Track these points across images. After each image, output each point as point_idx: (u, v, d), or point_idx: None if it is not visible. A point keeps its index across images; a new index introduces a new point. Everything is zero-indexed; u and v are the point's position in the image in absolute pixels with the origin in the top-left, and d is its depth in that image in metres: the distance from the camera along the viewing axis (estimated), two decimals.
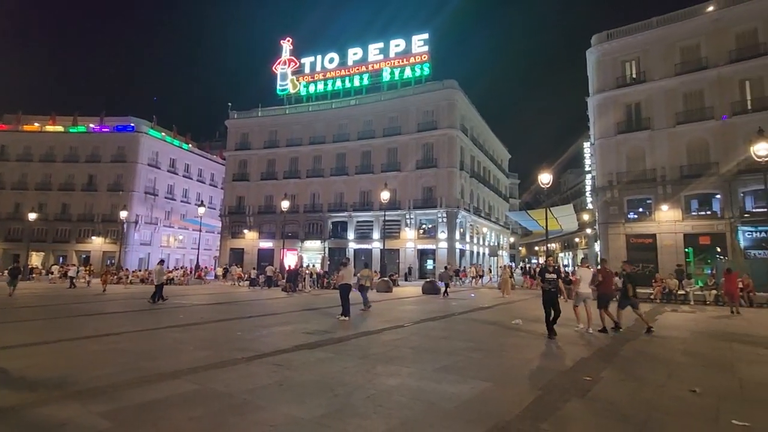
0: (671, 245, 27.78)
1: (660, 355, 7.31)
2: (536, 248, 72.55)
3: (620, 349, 7.74)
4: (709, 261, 24.19)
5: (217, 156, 62.22)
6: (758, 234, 24.69)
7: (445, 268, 26.30)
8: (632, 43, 31.19)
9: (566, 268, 39.41)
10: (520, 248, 74.44)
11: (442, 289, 20.81)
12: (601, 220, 31.90)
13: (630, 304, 9.67)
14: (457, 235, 39.46)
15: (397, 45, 44.16)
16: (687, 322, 11.82)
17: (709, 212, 27.65)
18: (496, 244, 53.05)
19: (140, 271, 37.90)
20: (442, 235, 38.58)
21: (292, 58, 49.09)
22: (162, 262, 17.10)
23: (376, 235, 40.93)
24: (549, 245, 47.85)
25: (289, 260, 38.05)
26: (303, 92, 47.98)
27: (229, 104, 50.91)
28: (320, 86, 47.30)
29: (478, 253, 46.71)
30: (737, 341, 8.62)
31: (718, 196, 27.03)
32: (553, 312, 8.60)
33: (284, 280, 24.43)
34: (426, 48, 43.15)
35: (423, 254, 40.44)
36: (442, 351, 7.28)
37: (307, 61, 48.28)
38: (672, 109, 29.04)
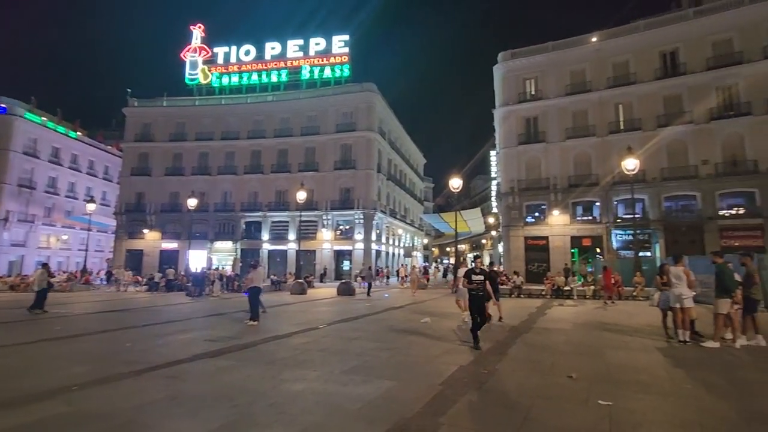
0: (560, 246, 31.17)
1: (546, 345, 8.13)
2: (448, 249, 76.51)
3: (513, 342, 8.45)
4: (590, 260, 27.57)
5: (113, 147, 55.81)
6: (626, 236, 28.78)
7: (369, 268, 26.71)
8: (532, 63, 34.43)
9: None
10: (433, 249, 77.91)
11: (366, 290, 21.50)
12: (504, 223, 34.66)
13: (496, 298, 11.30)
14: (374, 237, 40.10)
15: (317, 44, 43.65)
16: (570, 314, 13.33)
17: (590, 217, 31.52)
18: (410, 245, 54.92)
19: (10, 276, 32.58)
20: (359, 236, 38.92)
21: (204, 46, 45.97)
22: (45, 265, 14.87)
23: (291, 235, 39.95)
24: (458, 246, 50.64)
25: (197, 262, 35.47)
26: (215, 83, 45.18)
27: (129, 90, 45.85)
28: (234, 79, 44.95)
29: (393, 254, 47.95)
30: (607, 330, 9.93)
31: (598, 204, 30.96)
32: (479, 318, 7.80)
33: (190, 284, 22.73)
34: (346, 50, 43.26)
35: (340, 255, 40.42)
36: (352, 352, 7.32)
37: (220, 51, 45.56)
38: (563, 125, 32.60)
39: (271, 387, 5.22)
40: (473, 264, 8.21)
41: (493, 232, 50.98)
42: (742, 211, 26.96)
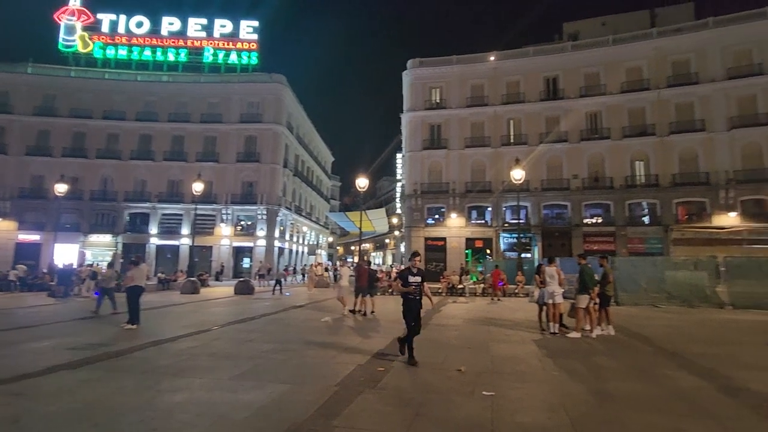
0: (457, 247, 33.40)
1: (440, 341, 8.58)
2: (353, 248, 77.19)
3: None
4: (481, 261, 29.97)
5: None
6: (512, 239, 31.90)
7: (286, 267, 25.83)
8: (438, 73, 36.34)
9: (377, 266, 43.06)
10: (338, 248, 77.96)
11: (272, 288, 21.11)
12: (406, 224, 36.04)
13: (369, 293, 12.60)
14: (277, 233, 38.74)
15: (223, 26, 40.81)
16: (462, 311, 14.29)
17: (483, 221, 34.28)
18: (315, 243, 54.22)
19: None
20: (261, 232, 37.28)
21: (84, 9, 40.05)
22: None
23: (185, 230, 36.72)
24: (363, 245, 51.23)
25: (65, 257, 30.60)
26: (98, 54, 39.66)
27: None
28: (122, 52, 39.94)
29: (297, 251, 46.86)
30: (493, 325, 10.84)
31: (490, 209, 33.83)
32: (416, 327, 6.65)
33: (54, 282, 19.53)
34: (255, 36, 41.16)
35: (239, 252, 38.27)
36: (244, 356, 6.90)
37: (105, 17, 40.10)
38: (463, 134, 34.97)
39: (146, 400, 4.66)
40: (411, 262, 6.94)
41: (397, 232, 52.73)
42: (600, 220, 31.63)
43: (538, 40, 37.78)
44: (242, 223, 38.45)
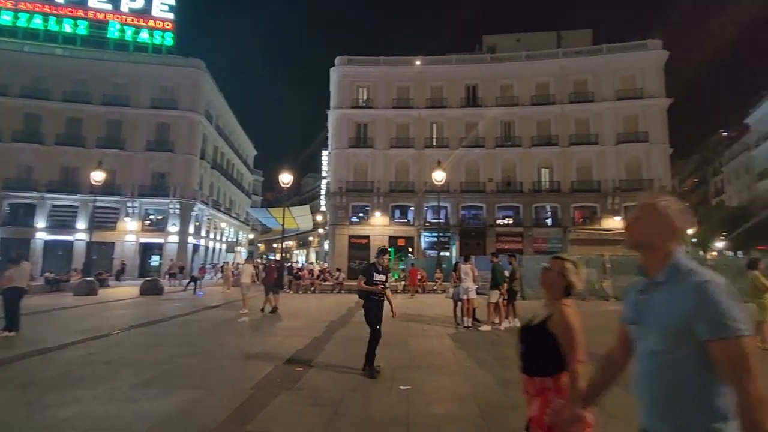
0: (380, 245, 33.94)
1: (361, 338, 8.61)
2: (275, 245, 74.81)
3: (330, 337, 8.74)
4: (403, 258, 30.80)
5: None
6: (432, 238, 33.25)
7: (203, 265, 24.06)
8: (366, 72, 36.60)
9: (297, 265, 42.22)
10: (259, 245, 75.05)
11: (188, 286, 19.72)
12: (331, 222, 35.83)
13: (273, 291, 12.69)
14: (192, 229, 36.21)
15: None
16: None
17: (406, 220, 35.30)
18: (234, 240, 51.63)
19: None
20: (174, 227, 34.58)
21: None
22: None
23: (81, 224, 32.79)
24: (286, 243, 49.91)
25: None
26: None
27: None
28: (6, 17, 34.43)
29: (214, 248, 44.23)
30: (412, 320, 11.20)
31: (412, 208, 34.93)
32: (378, 331, 5.92)
33: None
34: (171, 15, 38.08)
35: (147, 249, 35.11)
36: (149, 362, 6.36)
37: None
38: (389, 135, 35.65)
39: (24, 418, 4.09)
40: (378, 259, 6.16)
41: (321, 230, 52.16)
42: (511, 221, 34.26)
43: (461, 49, 39.80)
44: (151, 217, 35.34)
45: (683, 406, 1.35)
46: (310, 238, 66.12)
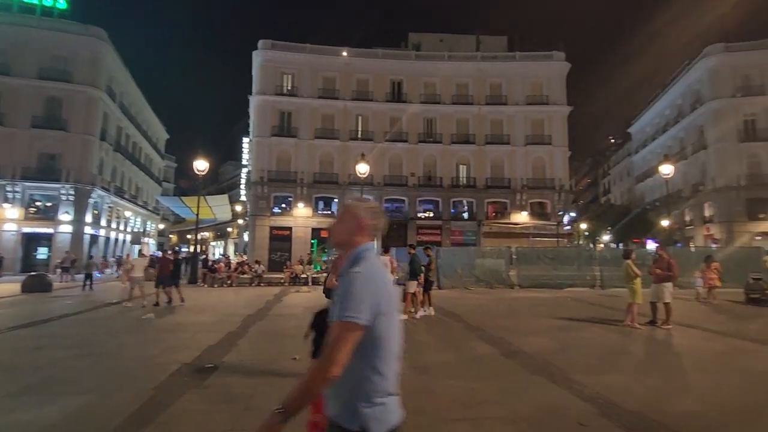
0: (303, 237, 33.45)
1: (278, 331, 8.53)
2: (188, 236, 69.95)
3: (246, 331, 8.48)
4: (326, 250, 30.66)
5: None
6: None
7: (118, 258, 21.34)
8: (291, 59, 35.49)
9: (214, 257, 40.00)
10: (170, 236, 69.64)
11: (82, 284, 17.67)
12: (251, 212, 34.45)
13: (172, 284, 12.49)
14: (90, 218, 32.47)
15: None
16: (303, 300, 14.46)
17: (330, 212, 35.10)
18: (141, 230, 47.32)
19: None
20: (66, 216, 30.73)
21: None
22: None
23: None
24: (202, 234, 47.03)
25: None
26: None
27: None
28: None
29: (117, 239, 40.15)
30: None
31: (336, 200, 34.83)
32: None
33: None
34: None
35: (33, 240, 30.81)
36: (29, 366, 5.66)
37: None
38: (313, 125, 35.06)
39: None
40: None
41: (241, 221, 49.85)
42: (431, 214, 35.75)
43: (387, 44, 40.22)
44: (38, 204, 31.02)
45: (344, 388, 1.45)
46: (229, 229, 62.88)
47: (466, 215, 36.15)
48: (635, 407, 4.25)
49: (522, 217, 34.48)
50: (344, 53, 36.38)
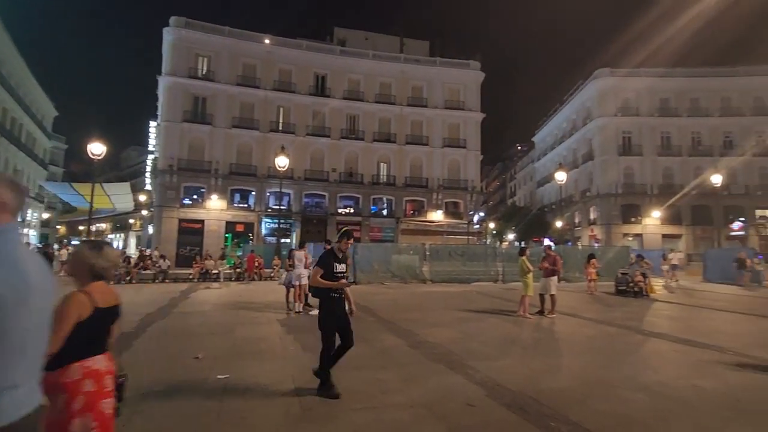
0: (216, 231, 31.69)
1: (181, 329, 8.08)
2: (80, 227, 62.29)
3: (143, 331, 7.90)
4: (241, 245, 29.39)
5: None
6: (273, 225, 32.63)
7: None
8: (207, 40, 33.28)
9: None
10: (58, 227, 61.43)
11: None
12: (157, 203, 31.76)
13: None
14: None
15: None
16: (214, 296, 13.79)
17: (246, 205, 33.71)
18: (21, 219, 41.03)
19: None
20: None
21: None
22: None
23: None
24: (98, 225, 42.25)
25: None
26: None
27: None
28: None
29: None
30: (243, 308, 10.92)
31: (254, 193, 33.53)
32: (345, 336, 4.69)
33: None
34: None
35: None
36: None
37: None
38: (231, 113, 33.30)
39: None
40: (337, 244, 4.90)
41: (145, 212, 45.63)
42: (352, 211, 36.05)
43: (313, 36, 39.50)
44: None
45: None
46: (131, 221, 57.23)
47: (385, 212, 37.01)
48: (517, 387, 4.80)
49: (437, 216, 36.23)
50: (267, 41, 35.04)
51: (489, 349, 6.79)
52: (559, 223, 39.35)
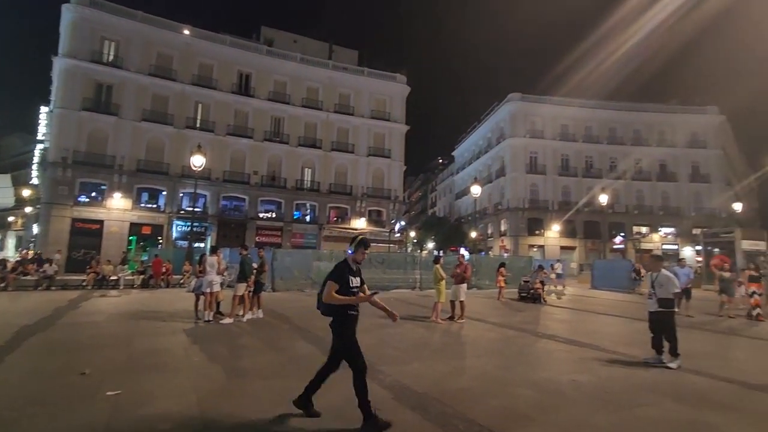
0: (117, 232, 28.78)
1: (66, 342, 7.22)
2: None
3: (18, 345, 6.93)
4: (147, 249, 27.00)
5: None
6: (186, 228, 30.50)
7: None
8: (115, 23, 30.39)
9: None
10: None
11: None
12: (46, 199, 28.09)
13: None
14: None
15: None
16: (110, 305, 12.49)
17: (155, 205, 31.08)
18: None
19: None
20: None
21: None
22: None
23: None
24: None
25: None
26: None
27: None
28: None
29: None
30: (145, 318, 10.05)
31: (165, 193, 31.06)
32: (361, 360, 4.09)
33: None
34: None
35: None
36: None
37: None
38: (140, 105, 30.64)
39: None
40: (352, 254, 4.29)
41: (29, 209, 39.88)
42: (273, 215, 34.98)
43: (238, 33, 37.89)
44: None
45: None
46: (11, 218, 49.60)
47: (308, 218, 36.47)
48: (423, 389, 5.06)
49: (361, 224, 36.57)
50: (186, 31, 32.92)
51: (401, 354, 7.04)
52: (474, 234, 41.88)
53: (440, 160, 73.41)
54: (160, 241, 29.86)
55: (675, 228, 42.90)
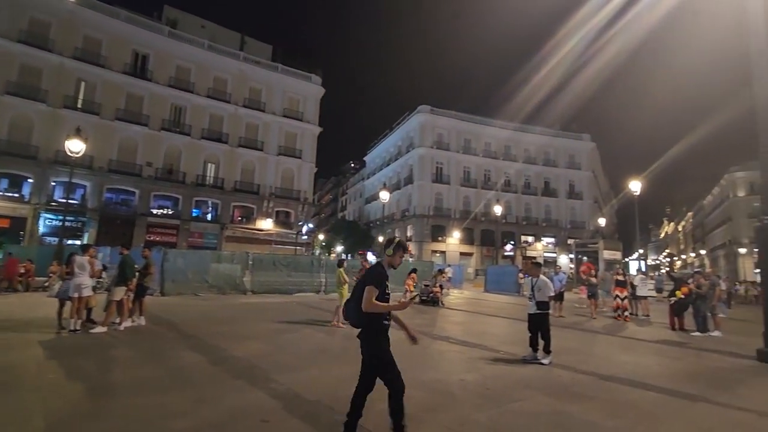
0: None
1: None
2: None
3: None
4: (3, 245, 22.76)
5: None
6: (58, 222, 26.43)
7: None
8: None
9: None
10: None
11: None
12: None
13: None
14: None
15: None
16: None
17: (17, 194, 26.46)
18: None
19: None
20: None
21: None
22: None
23: None
24: None
25: None
26: None
27: None
28: None
29: None
30: None
31: (31, 180, 26.60)
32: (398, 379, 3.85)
33: None
34: None
35: None
36: None
37: None
38: (4, 76, 25.95)
39: None
40: (388, 258, 3.79)
41: None
42: (169, 212, 31.97)
43: (136, 8, 34.13)
44: None
45: None
46: None
47: (209, 217, 34.01)
48: (316, 396, 4.93)
49: (267, 224, 35.15)
50: None
51: (297, 361, 6.81)
52: (381, 238, 42.79)
53: (352, 164, 73.94)
54: (22, 235, 25.45)
55: (554, 238, 48.58)
